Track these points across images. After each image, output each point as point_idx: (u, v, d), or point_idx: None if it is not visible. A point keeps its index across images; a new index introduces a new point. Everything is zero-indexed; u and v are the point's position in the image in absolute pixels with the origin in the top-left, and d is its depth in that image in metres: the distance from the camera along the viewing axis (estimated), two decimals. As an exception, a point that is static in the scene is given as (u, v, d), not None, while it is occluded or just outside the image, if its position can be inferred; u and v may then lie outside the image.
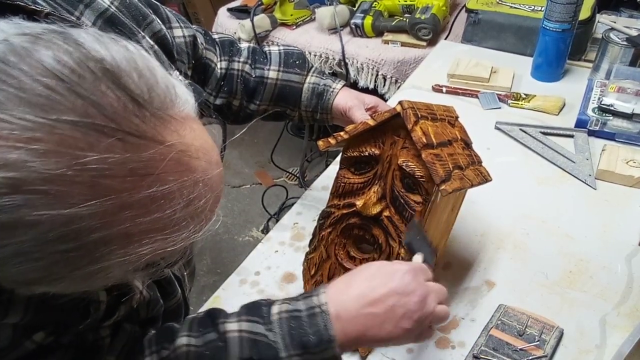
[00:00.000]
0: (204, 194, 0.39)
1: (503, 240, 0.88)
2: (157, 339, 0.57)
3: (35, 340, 0.47)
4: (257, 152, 2.52)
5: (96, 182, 0.33)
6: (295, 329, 0.54)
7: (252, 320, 0.56)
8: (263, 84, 0.84)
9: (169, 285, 0.66)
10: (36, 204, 0.32)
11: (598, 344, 0.72)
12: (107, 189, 0.33)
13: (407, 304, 0.55)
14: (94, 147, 0.32)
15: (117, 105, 0.34)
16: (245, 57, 0.84)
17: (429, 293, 0.57)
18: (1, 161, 0.31)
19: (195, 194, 0.38)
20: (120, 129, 0.33)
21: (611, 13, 1.43)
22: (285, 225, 0.94)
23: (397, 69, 1.66)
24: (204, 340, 0.55)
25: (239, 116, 0.86)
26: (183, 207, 0.37)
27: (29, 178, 0.31)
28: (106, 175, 0.33)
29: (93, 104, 0.33)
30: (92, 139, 0.32)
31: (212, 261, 2.05)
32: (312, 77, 0.85)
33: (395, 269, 0.58)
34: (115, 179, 0.33)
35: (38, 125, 0.31)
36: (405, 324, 0.55)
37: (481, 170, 0.73)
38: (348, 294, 0.56)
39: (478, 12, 1.36)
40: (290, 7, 1.82)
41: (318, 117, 0.85)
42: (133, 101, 0.35)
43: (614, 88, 1.09)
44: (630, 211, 0.92)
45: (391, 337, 0.56)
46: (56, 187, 0.32)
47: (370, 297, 0.55)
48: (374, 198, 0.69)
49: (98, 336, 0.53)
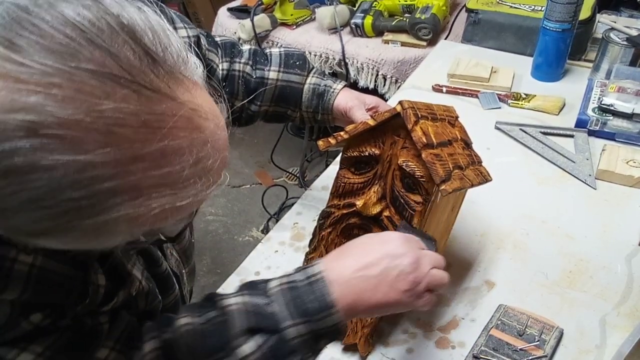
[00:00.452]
0: (212, 154, 0.40)
1: (503, 240, 0.88)
2: (157, 325, 0.57)
3: (32, 322, 0.47)
4: (257, 152, 2.52)
5: (111, 131, 0.34)
6: (295, 298, 0.53)
7: (252, 294, 0.55)
8: (263, 85, 0.84)
9: (167, 280, 0.66)
10: (52, 149, 0.32)
11: (598, 344, 0.72)
12: (121, 138, 0.34)
13: (399, 266, 0.56)
14: (110, 96, 0.34)
15: (132, 58, 0.35)
16: (246, 59, 0.85)
17: (423, 256, 0.58)
18: (20, 104, 0.32)
19: (203, 153, 0.39)
20: (135, 81, 0.35)
21: (611, 13, 1.43)
22: (285, 225, 0.94)
23: (397, 68, 1.66)
24: (206, 317, 0.55)
25: (241, 117, 0.87)
26: (192, 164, 0.38)
27: (46, 122, 0.32)
28: (120, 125, 0.34)
29: (110, 55, 0.34)
30: (108, 89, 0.34)
31: (212, 261, 2.05)
32: (312, 78, 0.85)
33: (388, 237, 0.59)
34: (129, 129, 0.34)
35: (57, 71, 0.32)
36: (400, 286, 0.55)
37: (481, 170, 0.73)
38: (342, 261, 0.57)
39: (478, 12, 1.36)
40: (291, 7, 1.82)
41: (319, 117, 0.85)
42: (148, 56, 0.36)
43: (614, 88, 1.09)
44: (630, 211, 0.92)
45: (388, 300, 0.55)
46: (72, 132, 0.33)
47: (363, 262, 0.56)
48: (374, 198, 0.69)
49: (97, 322, 0.53)
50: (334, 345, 0.75)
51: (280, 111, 0.86)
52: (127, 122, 0.34)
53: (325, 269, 0.55)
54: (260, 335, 0.52)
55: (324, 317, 0.53)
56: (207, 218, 2.22)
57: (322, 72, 0.87)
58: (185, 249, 0.76)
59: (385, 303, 0.56)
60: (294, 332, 0.52)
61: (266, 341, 0.52)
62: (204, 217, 2.22)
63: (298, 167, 2.26)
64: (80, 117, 0.33)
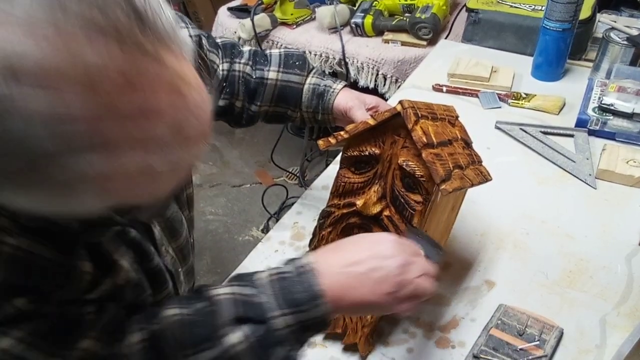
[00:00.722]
0: (194, 124, 0.39)
1: (503, 240, 0.88)
2: (145, 317, 0.57)
3: (16, 305, 0.46)
4: (257, 152, 2.52)
5: (91, 82, 0.33)
6: (285, 287, 0.54)
7: (241, 284, 0.56)
8: (263, 85, 0.84)
9: (159, 275, 0.66)
10: (30, 96, 0.32)
11: (598, 344, 0.72)
12: (101, 91, 0.34)
13: (386, 267, 0.56)
14: (94, 47, 0.33)
15: (120, 14, 0.35)
16: (246, 59, 0.85)
17: (412, 262, 0.58)
18: (1, 49, 0.31)
19: (184, 120, 0.38)
20: (121, 36, 0.34)
21: (611, 12, 1.43)
22: (285, 225, 0.94)
23: (397, 68, 1.66)
24: (194, 308, 0.55)
25: (242, 118, 0.87)
26: (171, 129, 0.38)
27: (26, 68, 0.32)
28: (102, 76, 0.33)
29: (98, 7, 0.34)
30: (92, 40, 0.33)
31: (212, 261, 2.05)
32: (312, 78, 0.85)
33: (381, 237, 0.59)
34: (110, 83, 0.34)
35: (43, 21, 0.32)
36: (384, 287, 0.56)
37: (481, 170, 0.73)
38: (331, 255, 0.57)
39: (478, 11, 1.36)
40: (291, 6, 1.82)
41: (320, 118, 0.85)
42: (137, 16, 0.35)
43: (614, 87, 1.09)
44: (630, 211, 0.92)
45: (370, 299, 0.56)
46: (53, 81, 0.32)
47: (352, 259, 0.56)
48: (374, 197, 0.69)
49: (82, 311, 0.52)
50: (334, 344, 0.75)
51: (281, 111, 0.86)
52: (108, 75, 0.34)
53: (314, 261, 0.56)
54: (248, 326, 0.52)
55: (312, 308, 0.53)
56: (207, 218, 2.23)
57: (322, 72, 0.87)
58: (182, 247, 0.75)
59: (367, 302, 0.56)
60: (281, 322, 0.52)
61: (254, 331, 0.52)
62: (204, 217, 2.22)
63: (298, 167, 2.25)
64: (62, 66, 0.32)
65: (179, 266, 0.75)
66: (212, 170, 2.45)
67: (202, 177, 2.41)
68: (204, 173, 2.43)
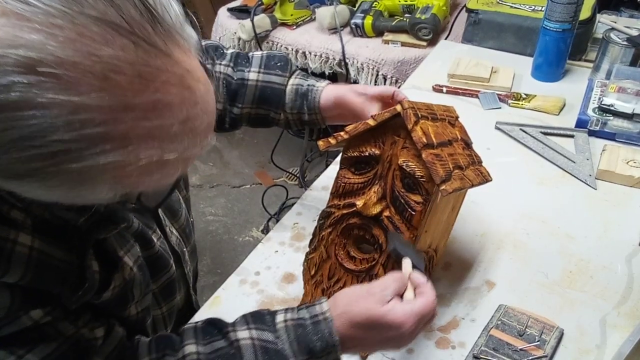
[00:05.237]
0: (201, 116, 0.41)
1: (503, 240, 0.88)
2: (156, 345, 0.58)
3: (33, 317, 0.48)
4: (257, 152, 2.53)
5: (106, 76, 0.35)
6: (301, 335, 0.57)
7: (260, 328, 0.58)
8: (244, 86, 0.83)
9: (159, 260, 0.67)
10: (48, 87, 0.33)
11: (598, 344, 0.72)
12: (116, 85, 0.35)
13: (399, 342, 0.60)
14: (109, 43, 0.35)
15: (133, 11, 0.36)
16: (227, 61, 0.84)
17: (420, 331, 0.60)
18: (22, 41, 0.33)
19: (193, 112, 0.40)
20: (134, 32, 0.36)
21: (611, 13, 1.43)
22: (285, 226, 0.94)
23: (397, 69, 1.66)
24: (213, 347, 0.57)
25: (224, 121, 0.86)
26: (181, 121, 0.39)
27: (45, 60, 0.33)
28: (116, 72, 0.35)
29: (113, 5, 0.35)
30: (108, 36, 0.35)
31: (212, 261, 2.05)
32: (295, 79, 0.84)
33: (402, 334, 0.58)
34: (124, 77, 0.35)
35: (61, 13, 0.33)
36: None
37: (481, 170, 0.73)
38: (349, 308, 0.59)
39: (478, 12, 1.36)
40: (291, 7, 1.82)
41: (306, 118, 0.83)
42: (148, 11, 0.37)
43: (614, 88, 1.09)
44: (630, 211, 0.92)
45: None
46: (69, 73, 0.34)
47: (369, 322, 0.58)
48: (374, 198, 0.69)
49: (92, 336, 0.54)
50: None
51: (263, 113, 0.85)
52: (123, 70, 0.35)
53: (329, 309, 0.58)
54: None
55: (326, 354, 0.56)
56: (207, 218, 2.23)
57: (306, 74, 0.86)
58: (184, 227, 0.77)
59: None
60: None
61: None
62: (204, 217, 2.22)
63: (298, 167, 2.25)
64: (79, 59, 0.34)
65: (183, 246, 0.76)
66: (212, 171, 2.45)
67: (202, 178, 2.41)
68: (204, 173, 2.43)
